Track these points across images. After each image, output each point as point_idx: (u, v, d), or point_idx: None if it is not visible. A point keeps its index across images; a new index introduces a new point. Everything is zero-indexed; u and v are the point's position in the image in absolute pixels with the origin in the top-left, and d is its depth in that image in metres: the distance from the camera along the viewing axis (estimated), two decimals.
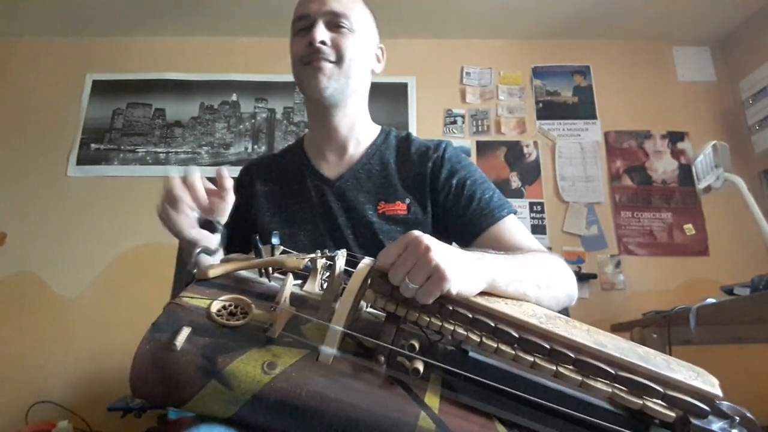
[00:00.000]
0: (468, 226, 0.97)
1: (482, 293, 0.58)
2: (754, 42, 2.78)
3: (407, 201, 0.99)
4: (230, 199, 0.79)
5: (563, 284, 0.80)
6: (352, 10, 1.02)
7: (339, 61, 0.97)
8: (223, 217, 0.80)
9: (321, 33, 0.96)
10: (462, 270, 0.55)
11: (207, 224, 0.78)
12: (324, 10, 0.98)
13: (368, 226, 0.97)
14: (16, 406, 2.33)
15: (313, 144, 1.09)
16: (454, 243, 1.00)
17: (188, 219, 0.76)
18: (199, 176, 0.77)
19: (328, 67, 0.96)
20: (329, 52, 0.97)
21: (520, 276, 0.66)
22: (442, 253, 0.54)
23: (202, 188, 0.76)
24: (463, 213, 0.98)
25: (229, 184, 0.78)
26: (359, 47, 1.01)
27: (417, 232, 0.56)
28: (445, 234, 1.00)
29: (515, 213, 0.99)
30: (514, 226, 0.96)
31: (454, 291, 0.53)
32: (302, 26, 0.99)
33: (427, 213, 1.00)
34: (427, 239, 0.55)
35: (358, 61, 1.01)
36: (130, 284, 2.54)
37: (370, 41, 1.07)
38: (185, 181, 0.75)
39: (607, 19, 2.87)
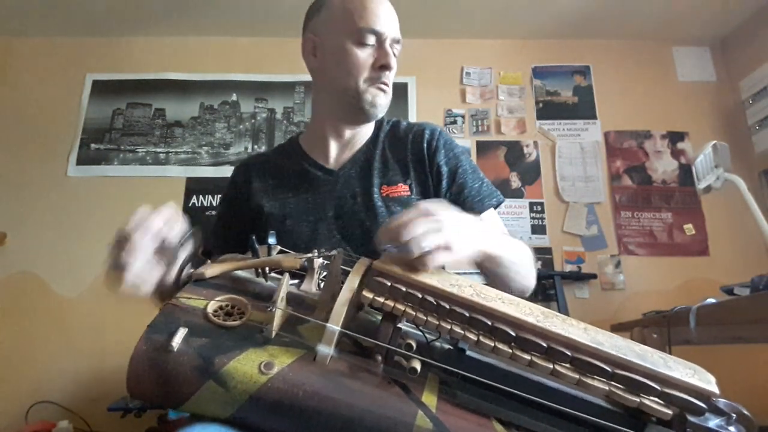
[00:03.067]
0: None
1: (476, 291, 0.58)
2: (754, 42, 2.78)
3: (408, 182, 1.02)
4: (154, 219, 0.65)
5: (530, 275, 0.91)
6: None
7: (391, 87, 1.03)
8: (175, 237, 0.67)
9: (393, 59, 1.01)
10: (467, 237, 0.65)
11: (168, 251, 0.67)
12: (393, 36, 1.02)
13: (373, 210, 0.98)
14: (16, 406, 2.33)
15: (315, 138, 1.11)
16: None
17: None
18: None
19: (389, 92, 1.03)
20: (392, 78, 1.03)
21: (511, 259, 0.80)
22: (453, 225, 0.62)
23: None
24: (454, 200, 1.01)
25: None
26: None
27: (429, 204, 0.63)
28: None
29: (502, 201, 1.07)
30: (493, 219, 1.05)
31: (453, 259, 0.62)
32: (370, 42, 1.00)
33: (429, 192, 1.03)
34: (442, 210, 0.63)
35: None
36: None
37: None
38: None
39: (607, 19, 2.87)
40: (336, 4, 1.03)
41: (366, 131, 1.11)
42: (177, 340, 0.53)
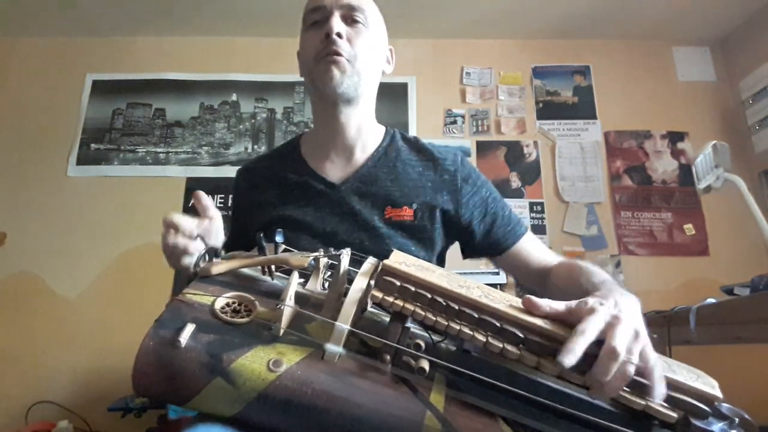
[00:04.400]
0: (494, 244, 1.01)
1: (484, 293, 0.58)
2: (754, 42, 2.79)
3: (414, 206, 0.97)
4: (216, 215, 0.74)
5: None
6: (367, 5, 1.00)
7: (353, 57, 0.95)
8: (219, 237, 0.75)
9: (338, 25, 0.93)
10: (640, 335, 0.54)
11: (210, 252, 0.73)
12: (340, 3, 0.95)
13: (374, 231, 0.95)
14: (16, 406, 2.33)
15: (316, 146, 1.05)
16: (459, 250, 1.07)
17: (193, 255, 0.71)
18: (180, 218, 0.71)
19: (343, 62, 0.93)
20: (345, 47, 0.93)
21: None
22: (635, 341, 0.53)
23: (191, 225, 0.71)
24: (488, 231, 1.00)
25: (209, 202, 0.74)
26: (373, 44, 0.99)
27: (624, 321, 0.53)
28: (455, 240, 1.04)
29: (527, 228, 1.05)
30: (534, 241, 1.02)
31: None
32: (316, 19, 0.96)
33: (436, 219, 0.98)
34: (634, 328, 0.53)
35: (372, 58, 0.99)
36: (131, 284, 2.54)
37: (382, 40, 1.05)
38: (174, 226, 0.70)
39: (607, 19, 2.88)
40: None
41: (369, 137, 1.05)
42: (185, 336, 0.52)
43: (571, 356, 0.49)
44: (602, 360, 0.50)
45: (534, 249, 1.01)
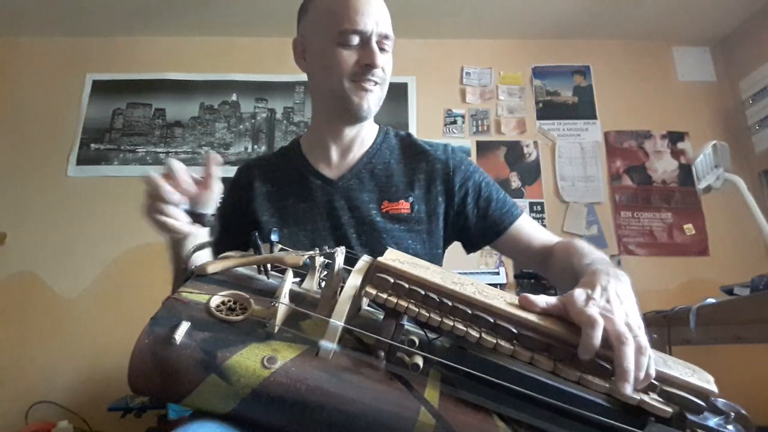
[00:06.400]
0: (491, 226, 1.02)
1: (478, 289, 0.58)
2: (754, 42, 2.79)
3: (410, 200, 1.00)
4: (217, 187, 0.74)
5: None
6: (392, 32, 1.01)
7: (383, 84, 0.99)
8: (210, 208, 0.75)
9: (381, 58, 0.95)
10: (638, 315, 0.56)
11: (197, 217, 0.72)
12: (378, 32, 0.96)
13: (371, 225, 0.97)
14: (16, 406, 2.33)
15: (315, 144, 1.08)
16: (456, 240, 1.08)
17: (178, 216, 0.71)
18: (181, 166, 0.71)
19: (377, 90, 0.98)
20: (380, 76, 0.97)
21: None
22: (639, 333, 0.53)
23: (187, 177, 0.71)
24: (483, 214, 1.02)
25: (217, 171, 0.74)
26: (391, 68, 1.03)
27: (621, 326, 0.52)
28: (454, 233, 1.05)
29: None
30: (531, 223, 1.04)
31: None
32: (355, 42, 0.95)
33: (432, 211, 1.01)
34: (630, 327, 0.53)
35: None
36: (130, 284, 2.54)
37: None
38: (168, 173, 0.70)
39: (607, 19, 2.88)
40: (320, 4, 0.99)
41: (366, 135, 1.08)
42: (180, 334, 0.52)
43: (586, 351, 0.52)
44: (617, 349, 0.51)
45: (533, 230, 1.03)
